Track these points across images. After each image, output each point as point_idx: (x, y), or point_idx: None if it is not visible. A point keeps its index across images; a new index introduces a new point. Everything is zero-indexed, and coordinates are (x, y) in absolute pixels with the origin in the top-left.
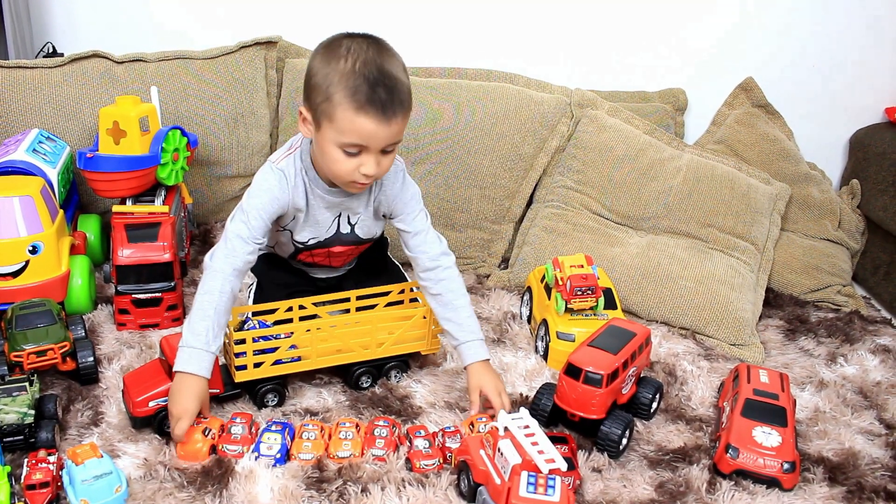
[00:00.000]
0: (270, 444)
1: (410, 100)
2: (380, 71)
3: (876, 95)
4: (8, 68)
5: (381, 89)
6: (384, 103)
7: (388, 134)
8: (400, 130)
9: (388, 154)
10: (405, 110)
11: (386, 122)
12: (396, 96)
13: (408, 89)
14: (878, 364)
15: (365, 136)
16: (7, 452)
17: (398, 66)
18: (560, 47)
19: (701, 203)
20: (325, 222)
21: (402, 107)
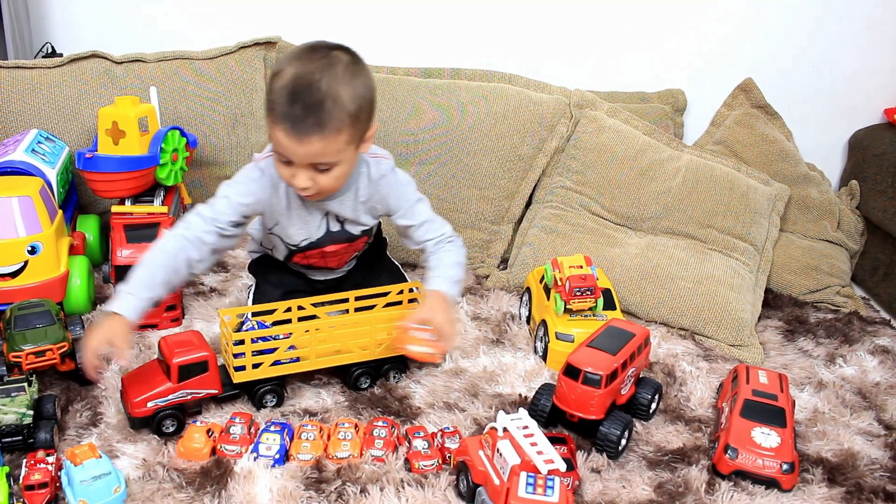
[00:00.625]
0: (269, 444)
1: (341, 117)
2: (308, 87)
3: (875, 96)
4: (7, 68)
5: (299, 106)
6: (296, 121)
7: (305, 152)
8: (321, 152)
9: (324, 172)
10: (323, 130)
11: (297, 139)
12: (314, 116)
13: (341, 106)
14: (877, 365)
15: (283, 150)
16: (6, 453)
17: (346, 86)
18: (559, 48)
19: (700, 204)
20: (313, 221)
21: (317, 126)
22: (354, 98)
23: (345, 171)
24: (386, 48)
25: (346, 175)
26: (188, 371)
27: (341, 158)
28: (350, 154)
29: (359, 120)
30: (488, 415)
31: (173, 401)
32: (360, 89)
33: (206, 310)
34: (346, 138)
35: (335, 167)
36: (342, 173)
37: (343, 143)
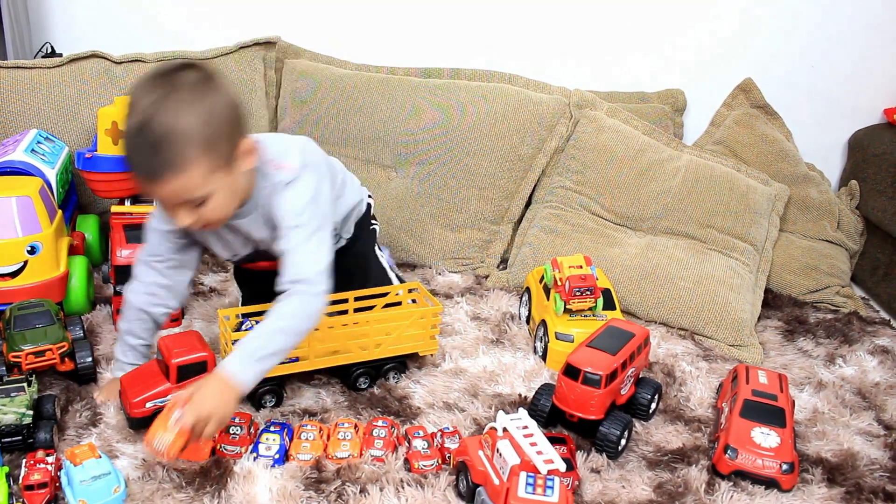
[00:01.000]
0: (269, 444)
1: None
2: (147, 125)
3: (875, 96)
4: (6, 69)
5: (142, 150)
6: (142, 165)
7: (166, 194)
8: (181, 189)
9: (202, 206)
10: (173, 169)
11: (151, 184)
12: (159, 157)
13: (185, 138)
14: (877, 365)
15: (145, 192)
16: (5, 453)
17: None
18: (559, 48)
19: (700, 204)
20: (234, 242)
21: (167, 168)
22: (202, 124)
23: (226, 198)
24: (386, 48)
25: (230, 201)
26: (187, 371)
27: (210, 189)
28: (222, 180)
29: (214, 144)
30: (488, 415)
31: None
32: (210, 111)
33: (205, 310)
34: (203, 169)
35: (210, 198)
36: (223, 201)
37: (202, 174)
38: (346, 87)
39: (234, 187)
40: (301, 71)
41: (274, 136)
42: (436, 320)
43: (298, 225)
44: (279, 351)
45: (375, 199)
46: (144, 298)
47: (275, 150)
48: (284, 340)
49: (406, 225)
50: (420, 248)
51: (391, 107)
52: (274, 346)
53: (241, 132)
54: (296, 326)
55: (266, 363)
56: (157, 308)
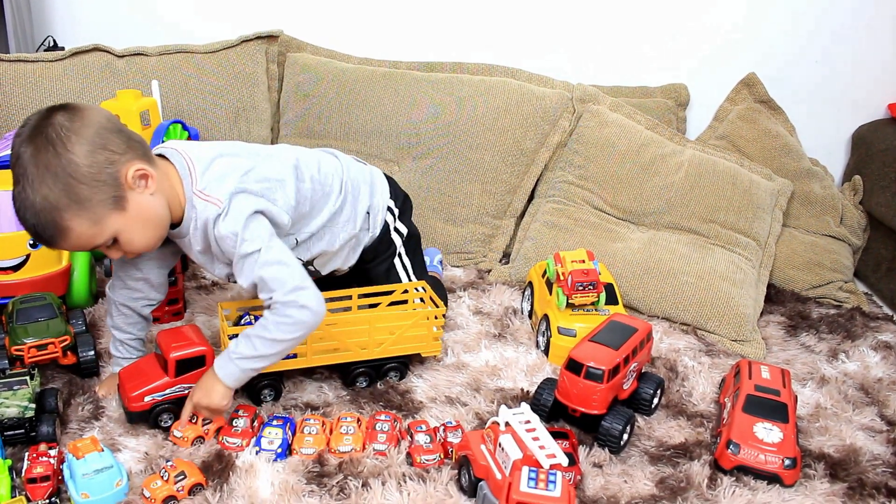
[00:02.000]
0: (272, 438)
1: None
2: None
3: (879, 91)
4: (9, 62)
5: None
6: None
7: (73, 247)
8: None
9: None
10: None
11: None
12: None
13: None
14: (880, 360)
15: None
16: (8, 446)
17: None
18: (562, 42)
19: (702, 199)
20: (201, 258)
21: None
22: (62, 190)
23: (138, 231)
24: (388, 42)
25: (144, 231)
26: (186, 365)
27: (109, 232)
28: (119, 220)
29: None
30: (490, 409)
31: (171, 395)
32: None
33: (207, 303)
34: (88, 223)
35: (119, 237)
36: (136, 235)
37: (89, 227)
38: (348, 81)
39: (143, 217)
40: (303, 65)
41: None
42: (439, 322)
43: (244, 254)
44: (263, 356)
45: None
46: (124, 293)
47: (208, 178)
48: (268, 347)
49: None
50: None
51: (393, 101)
52: (256, 351)
53: (114, 164)
54: (277, 336)
55: (248, 364)
56: (137, 302)
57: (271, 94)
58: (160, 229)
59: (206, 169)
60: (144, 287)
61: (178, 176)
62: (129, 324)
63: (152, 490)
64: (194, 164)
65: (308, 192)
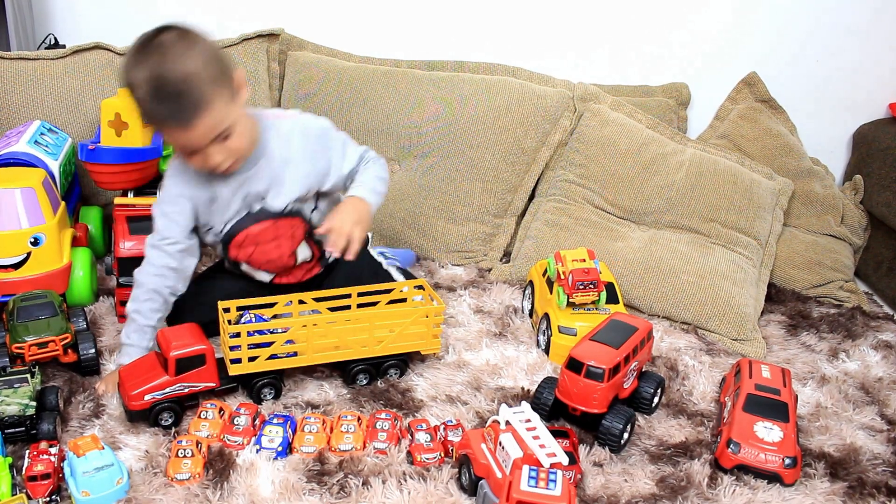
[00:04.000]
0: (272, 437)
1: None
2: (163, 83)
3: (880, 91)
4: (10, 60)
5: (168, 103)
6: (174, 114)
7: (198, 135)
8: (212, 126)
9: (228, 139)
10: (199, 109)
11: (186, 129)
12: (185, 101)
13: (198, 79)
14: (880, 360)
15: (183, 144)
16: (8, 444)
17: (189, 60)
18: (563, 41)
19: (703, 198)
20: (234, 205)
21: (195, 109)
22: (201, 65)
23: (244, 127)
24: (389, 41)
25: (248, 131)
26: (186, 364)
27: (232, 119)
28: (235, 111)
29: (219, 79)
30: (491, 408)
31: (170, 394)
32: (202, 53)
33: None
34: (222, 101)
35: (233, 129)
36: (243, 130)
37: (223, 105)
38: (349, 79)
39: (245, 119)
40: (304, 63)
41: None
42: (439, 319)
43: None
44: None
45: None
46: (156, 280)
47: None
48: (382, 186)
49: (409, 218)
50: (423, 241)
51: (394, 99)
52: (380, 188)
53: (230, 67)
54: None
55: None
56: (167, 290)
57: (272, 93)
58: (253, 135)
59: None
60: (175, 277)
61: None
62: (153, 310)
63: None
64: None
65: None
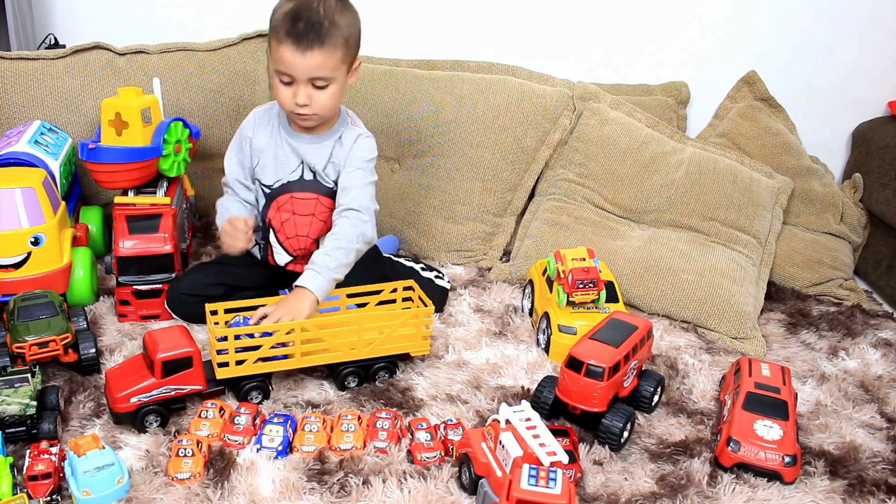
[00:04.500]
0: (272, 436)
1: (337, 37)
2: (309, 10)
3: (879, 89)
4: (10, 60)
5: (302, 23)
6: (300, 35)
7: (307, 65)
8: (321, 64)
9: (321, 89)
10: (322, 45)
11: (300, 52)
12: (315, 30)
13: (337, 27)
14: (880, 358)
15: (287, 65)
16: (9, 443)
17: (340, 14)
18: (562, 40)
19: (703, 196)
20: (289, 164)
21: (318, 40)
22: (347, 25)
23: (337, 93)
24: (389, 41)
25: (337, 99)
26: (172, 367)
27: (336, 76)
28: (342, 75)
29: (350, 45)
30: (491, 407)
31: (156, 396)
32: (351, 21)
33: None
34: (340, 56)
35: (330, 85)
36: (336, 92)
37: (338, 60)
38: None
39: (342, 90)
40: None
41: None
42: (428, 321)
43: (362, 168)
44: (341, 265)
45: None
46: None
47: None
48: (345, 255)
49: (409, 217)
50: (423, 240)
51: (394, 99)
52: (337, 261)
53: (359, 51)
54: (350, 243)
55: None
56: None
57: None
58: (336, 109)
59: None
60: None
61: None
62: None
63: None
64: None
65: None
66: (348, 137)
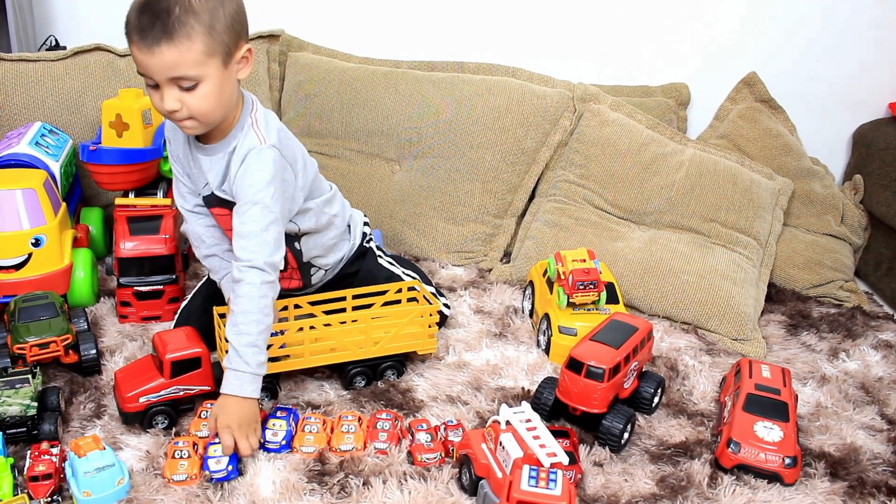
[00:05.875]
0: (276, 430)
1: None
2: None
3: (879, 90)
4: (10, 61)
5: (147, 16)
6: (144, 30)
7: (159, 63)
8: (175, 62)
9: (189, 91)
10: (172, 38)
11: (148, 49)
12: (161, 22)
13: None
14: (880, 359)
15: (139, 66)
16: (10, 444)
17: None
18: (563, 41)
19: (703, 198)
20: (200, 178)
21: (165, 34)
22: (208, 9)
23: (214, 93)
24: (389, 41)
25: (216, 99)
26: (181, 367)
27: (202, 73)
28: (214, 71)
29: (217, 32)
30: (491, 408)
31: (165, 397)
32: (215, 4)
33: None
34: (201, 48)
35: (200, 85)
36: (209, 92)
37: (199, 53)
38: (349, 80)
39: (224, 88)
40: (304, 64)
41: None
42: (434, 319)
43: (259, 203)
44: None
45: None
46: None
47: (261, 115)
48: (257, 323)
49: (409, 218)
50: (423, 241)
51: (395, 100)
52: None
53: (243, 34)
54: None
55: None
56: (216, 248)
57: (272, 94)
58: (223, 111)
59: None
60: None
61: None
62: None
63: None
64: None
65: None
66: (240, 152)
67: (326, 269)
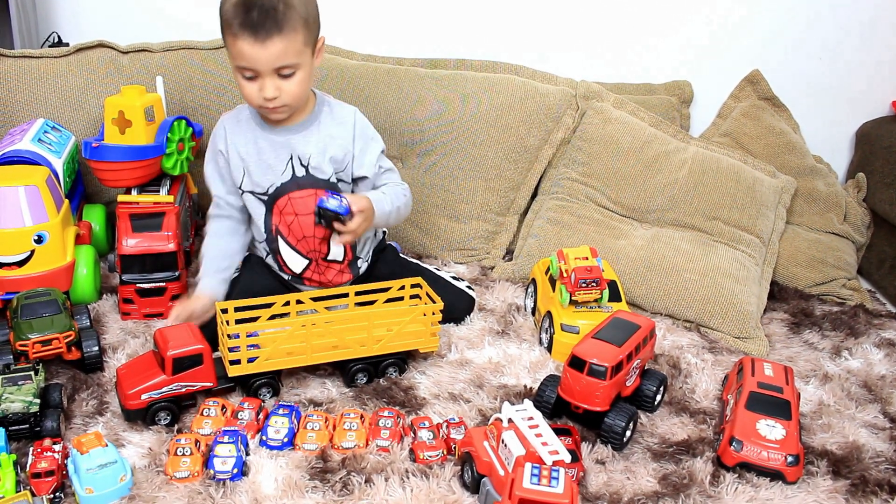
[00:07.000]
0: (278, 427)
1: (295, 19)
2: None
3: (883, 88)
4: (13, 58)
5: (255, 12)
6: (255, 26)
7: (269, 55)
8: (284, 52)
9: (288, 78)
10: (281, 31)
11: (260, 43)
12: (271, 17)
13: (292, 9)
14: (883, 358)
15: (247, 59)
16: (12, 441)
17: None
18: (566, 39)
19: (706, 196)
20: (277, 166)
21: (276, 27)
22: (303, 3)
23: (305, 79)
24: (392, 39)
25: (306, 84)
26: (182, 364)
27: (301, 61)
28: (308, 59)
29: (310, 25)
30: (493, 406)
31: (167, 393)
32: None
33: None
34: (302, 39)
35: (297, 72)
36: (304, 78)
37: (301, 43)
38: (351, 77)
39: (310, 74)
40: None
41: None
42: (437, 317)
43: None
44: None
45: None
46: (220, 231)
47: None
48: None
49: (412, 216)
50: (426, 239)
51: (397, 98)
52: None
53: (320, 29)
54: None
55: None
56: (240, 246)
57: None
58: (307, 95)
59: None
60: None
61: None
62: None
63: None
64: None
65: None
66: (340, 112)
67: (360, 258)
